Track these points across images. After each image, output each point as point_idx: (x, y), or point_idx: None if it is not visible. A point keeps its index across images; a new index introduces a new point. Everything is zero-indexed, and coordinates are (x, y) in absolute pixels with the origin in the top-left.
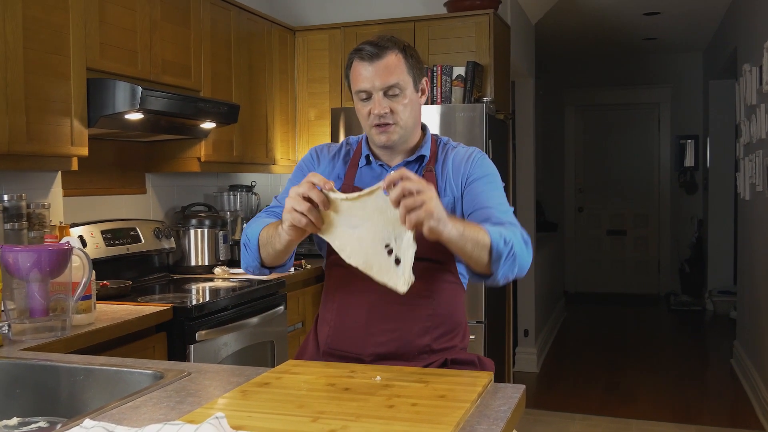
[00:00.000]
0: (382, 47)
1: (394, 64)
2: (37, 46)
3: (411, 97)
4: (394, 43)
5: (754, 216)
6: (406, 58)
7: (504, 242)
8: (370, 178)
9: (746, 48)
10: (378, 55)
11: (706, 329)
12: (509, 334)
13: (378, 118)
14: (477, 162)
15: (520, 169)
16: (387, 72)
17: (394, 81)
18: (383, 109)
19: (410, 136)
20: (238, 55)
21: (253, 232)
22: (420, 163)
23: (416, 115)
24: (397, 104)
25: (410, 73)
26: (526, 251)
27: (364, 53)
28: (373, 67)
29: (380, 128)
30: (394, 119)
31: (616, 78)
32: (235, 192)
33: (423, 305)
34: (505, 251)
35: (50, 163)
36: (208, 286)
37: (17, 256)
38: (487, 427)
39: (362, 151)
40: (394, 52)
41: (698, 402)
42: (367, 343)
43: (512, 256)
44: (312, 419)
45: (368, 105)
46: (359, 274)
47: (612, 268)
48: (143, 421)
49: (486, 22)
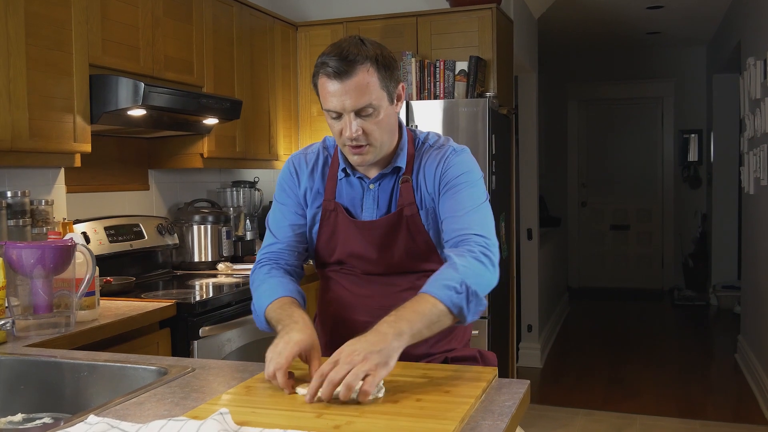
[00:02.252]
0: (351, 62)
1: (365, 82)
2: (39, 42)
3: (386, 112)
4: (364, 56)
5: (758, 210)
6: (378, 70)
7: (455, 293)
8: (350, 194)
9: (750, 41)
10: (347, 72)
11: (710, 324)
12: (513, 329)
13: (350, 140)
14: (448, 165)
15: (523, 163)
16: (358, 92)
17: (365, 102)
18: (356, 131)
19: (387, 150)
20: (241, 50)
21: (260, 307)
22: (396, 173)
23: (392, 128)
24: (370, 124)
25: (384, 87)
26: (485, 273)
27: (330, 70)
28: (342, 85)
29: (354, 149)
30: (368, 140)
31: (619, 72)
32: (238, 188)
33: None
34: (462, 301)
35: (53, 160)
36: (211, 282)
37: (21, 252)
38: (492, 422)
39: (339, 163)
40: (365, 67)
41: (702, 397)
42: None
43: (472, 296)
44: (316, 415)
45: (339, 124)
46: (350, 291)
47: (615, 263)
48: (147, 417)
49: (489, 17)
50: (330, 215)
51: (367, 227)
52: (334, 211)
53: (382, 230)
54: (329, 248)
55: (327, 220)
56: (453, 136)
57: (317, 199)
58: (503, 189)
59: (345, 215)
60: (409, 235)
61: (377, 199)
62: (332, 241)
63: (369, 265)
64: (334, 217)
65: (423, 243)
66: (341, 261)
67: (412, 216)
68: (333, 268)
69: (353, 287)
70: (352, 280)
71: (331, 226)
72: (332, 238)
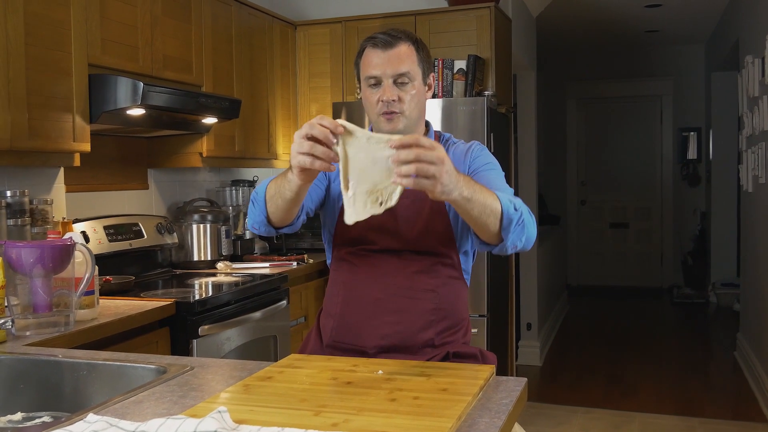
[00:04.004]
0: (395, 37)
1: (406, 54)
2: (38, 42)
3: (419, 88)
4: (407, 36)
5: (757, 208)
6: (417, 50)
7: (514, 208)
8: None
9: (748, 39)
10: (391, 43)
11: (710, 322)
12: (512, 327)
13: (386, 105)
14: (477, 153)
15: (522, 162)
16: (398, 60)
17: (404, 69)
18: (392, 96)
19: (414, 129)
20: (239, 50)
21: (262, 187)
22: None
23: (422, 107)
24: (405, 93)
25: (420, 65)
26: (533, 223)
27: (377, 40)
28: (385, 54)
29: (387, 116)
30: (401, 108)
31: (618, 70)
32: (237, 187)
33: (427, 299)
34: (516, 217)
35: (52, 159)
36: (210, 281)
37: (20, 251)
38: (489, 420)
39: None
40: (406, 44)
41: (701, 395)
42: (372, 336)
43: (522, 223)
44: (314, 413)
45: (377, 92)
46: (365, 270)
47: (614, 261)
48: (146, 416)
49: (487, 16)
50: None
51: None
52: None
53: (408, 201)
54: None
55: None
56: (452, 134)
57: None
58: None
59: None
60: (431, 212)
61: None
62: None
63: (388, 238)
64: None
65: (442, 224)
66: (361, 236)
67: None
68: (350, 249)
69: (368, 266)
70: (367, 260)
71: None
72: None
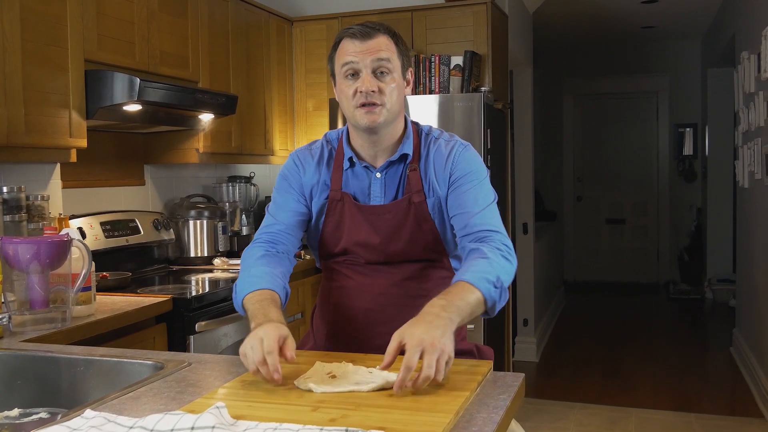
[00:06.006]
0: (373, 28)
1: (385, 44)
2: (35, 37)
3: (398, 81)
4: (385, 28)
5: (753, 204)
6: (396, 43)
7: (494, 287)
8: (357, 183)
9: (744, 35)
10: (369, 34)
11: (706, 317)
12: (508, 323)
13: (365, 96)
14: (458, 159)
15: (519, 158)
16: (377, 49)
17: (384, 56)
18: (371, 86)
19: (394, 125)
20: (236, 45)
21: (242, 291)
22: (404, 161)
23: (401, 101)
24: (385, 85)
25: (399, 58)
26: (509, 267)
27: (355, 30)
28: (364, 44)
29: (366, 108)
30: (381, 100)
31: (614, 66)
32: (234, 183)
33: (418, 306)
34: (497, 295)
35: (49, 155)
36: (207, 277)
37: (17, 247)
38: (487, 415)
39: (344, 152)
40: (385, 36)
41: (697, 390)
42: (365, 348)
43: (503, 291)
44: (312, 408)
45: (354, 83)
46: (353, 280)
47: (611, 256)
48: (144, 412)
49: (484, 12)
50: (337, 205)
51: (376, 211)
52: (341, 201)
53: (390, 216)
54: (335, 238)
55: (333, 210)
56: (448, 130)
57: (324, 191)
58: (498, 183)
59: (352, 202)
60: (416, 222)
61: (384, 188)
62: (338, 230)
63: (373, 253)
64: (341, 207)
65: (429, 231)
66: (346, 250)
67: (419, 203)
68: (337, 259)
69: (356, 276)
70: (355, 270)
71: (337, 216)
72: (338, 227)
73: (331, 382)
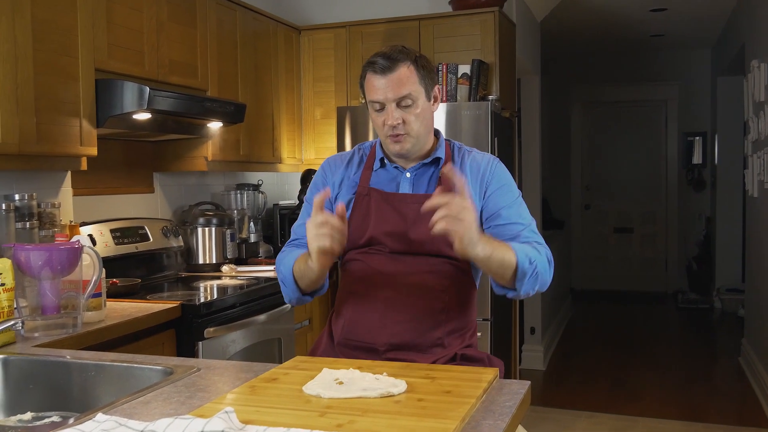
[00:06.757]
0: (393, 60)
1: (406, 76)
2: (46, 47)
3: (423, 106)
4: (405, 55)
5: (762, 213)
6: (417, 69)
7: (529, 262)
8: (386, 179)
9: (754, 44)
10: (390, 68)
11: (714, 327)
12: (516, 331)
13: (391, 129)
14: (496, 170)
15: (527, 166)
16: (399, 84)
17: (405, 92)
18: (396, 120)
19: (423, 144)
20: (244, 54)
21: (287, 268)
22: (436, 165)
23: (428, 123)
24: (409, 115)
25: (422, 83)
26: (548, 270)
27: (377, 66)
28: (385, 79)
29: (393, 138)
30: (406, 129)
31: (623, 75)
32: (242, 191)
33: (437, 299)
34: (530, 271)
35: (60, 163)
36: (216, 283)
37: (29, 254)
38: (493, 422)
39: (376, 154)
40: (405, 65)
41: (705, 400)
42: (383, 334)
43: (535, 274)
44: (319, 414)
45: (382, 115)
46: (376, 269)
47: (619, 265)
48: (154, 416)
49: (491, 20)
50: (363, 199)
51: (405, 199)
52: (368, 196)
53: (418, 205)
54: (361, 230)
55: (360, 204)
56: (456, 139)
57: (352, 188)
58: None
59: (379, 194)
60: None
61: (413, 186)
62: (364, 222)
63: (399, 242)
64: (367, 200)
65: None
66: (371, 240)
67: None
68: (361, 250)
69: (379, 265)
70: (378, 259)
71: (363, 209)
72: (364, 219)
73: (338, 388)
